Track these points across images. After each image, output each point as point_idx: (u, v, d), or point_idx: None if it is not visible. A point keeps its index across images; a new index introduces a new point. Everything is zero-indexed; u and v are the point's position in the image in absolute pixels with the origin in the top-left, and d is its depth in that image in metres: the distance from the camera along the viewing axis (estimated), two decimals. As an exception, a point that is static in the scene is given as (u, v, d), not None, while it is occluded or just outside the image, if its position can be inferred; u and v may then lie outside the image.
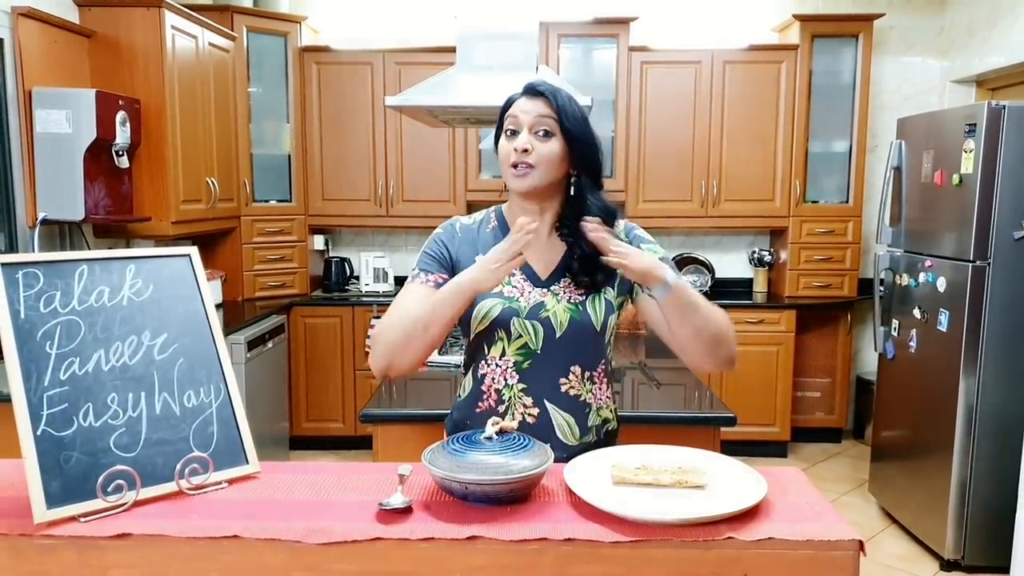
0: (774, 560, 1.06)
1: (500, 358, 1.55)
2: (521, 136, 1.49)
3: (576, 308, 1.53)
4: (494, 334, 1.54)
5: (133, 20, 3.57)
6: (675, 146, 4.66)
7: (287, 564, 1.07)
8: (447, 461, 1.17)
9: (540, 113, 1.49)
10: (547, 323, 1.52)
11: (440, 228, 1.64)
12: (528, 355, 1.53)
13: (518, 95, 1.54)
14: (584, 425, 1.56)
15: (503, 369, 1.55)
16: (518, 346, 1.53)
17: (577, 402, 1.55)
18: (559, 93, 1.51)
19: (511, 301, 1.52)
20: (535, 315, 1.52)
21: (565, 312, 1.52)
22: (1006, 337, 3.12)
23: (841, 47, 4.61)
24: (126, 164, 3.48)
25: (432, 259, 1.59)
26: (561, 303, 1.53)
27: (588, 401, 1.57)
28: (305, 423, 4.66)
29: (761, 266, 4.94)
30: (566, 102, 1.50)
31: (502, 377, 1.55)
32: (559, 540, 1.07)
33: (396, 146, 4.69)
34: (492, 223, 1.63)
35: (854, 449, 4.79)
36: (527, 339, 1.52)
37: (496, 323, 1.52)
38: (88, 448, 1.15)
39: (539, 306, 1.52)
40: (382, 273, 4.89)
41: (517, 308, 1.52)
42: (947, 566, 3.26)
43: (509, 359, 1.54)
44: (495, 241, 1.56)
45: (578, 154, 1.52)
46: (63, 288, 1.22)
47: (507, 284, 1.53)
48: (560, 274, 1.56)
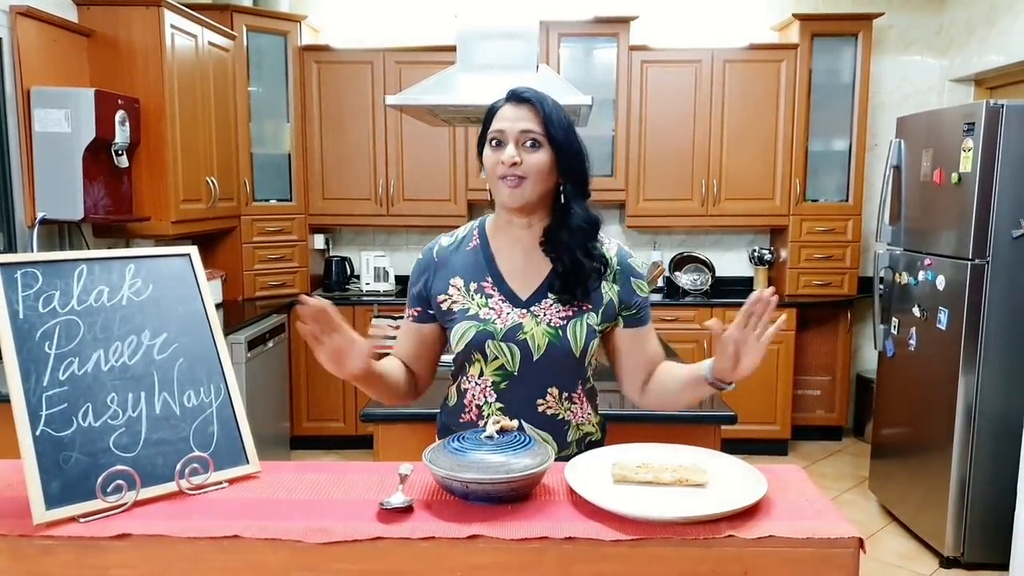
0: (775, 558, 1.06)
1: (479, 377, 1.54)
2: (508, 148, 1.44)
3: (555, 332, 1.49)
4: (470, 355, 1.52)
5: (132, 19, 3.57)
6: (675, 145, 4.66)
7: (288, 564, 1.07)
8: (448, 460, 1.17)
9: (527, 123, 1.44)
10: (524, 345, 1.49)
11: (421, 254, 1.63)
12: (505, 376, 1.51)
13: (502, 102, 1.49)
14: (563, 441, 1.54)
15: (482, 388, 1.54)
16: (495, 367, 1.51)
17: (555, 421, 1.53)
18: (545, 100, 1.47)
19: (486, 323, 1.50)
20: (511, 337, 1.49)
21: (544, 336, 1.49)
22: (1005, 335, 3.12)
23: (841, 46, 4.61)
24: (125, 164, 3.48)
25: (412, 295, 1.62)
26: (540, 325, 1.49)
27: (567, 419, 1.55)
28: (306, 423, 4.65)
29: (761, 265, 4.94)
30: (552, 110, 1.46)
31: (481, 395, 1.54)
32: (560, 539, 1.06)
33: (396, 145, 4.69)
34: (474, 240, 1.59)
35: (854, 447, 4.79)
36: (503, 361, 1.50)
37: (471, 345, 1.50)
38: (88, 448, 1.15)
39: (516, 328, 1.49)
40: (383, 272, 4.89)
41: (492, 331, 1.49)
42: (947, 563, 3.26)
43: (487, 379, 1.53)
44: (474, 261, 1.55)
45: (565, 164, 1.48)
46: (62, 288, 1.21)
47: (484, 306, 1.51)
48: (542, 294, 1.51)
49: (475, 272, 1.54)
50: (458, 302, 1.53)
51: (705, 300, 4.68)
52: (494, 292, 1.52)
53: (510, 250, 1.55)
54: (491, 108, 1.51)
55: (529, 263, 1.53)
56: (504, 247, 1.56)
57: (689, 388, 1.49)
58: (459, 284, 1.54)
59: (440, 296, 1.55)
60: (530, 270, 1.53)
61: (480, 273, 1.54)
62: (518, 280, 1.53)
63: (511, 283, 1.53)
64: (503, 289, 1.52)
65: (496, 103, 1.51)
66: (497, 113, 1.49)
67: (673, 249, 5.05)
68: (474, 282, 1.53)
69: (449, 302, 1.54)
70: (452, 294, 1.54)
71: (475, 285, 1.53)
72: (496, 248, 1.56)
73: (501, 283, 1.53)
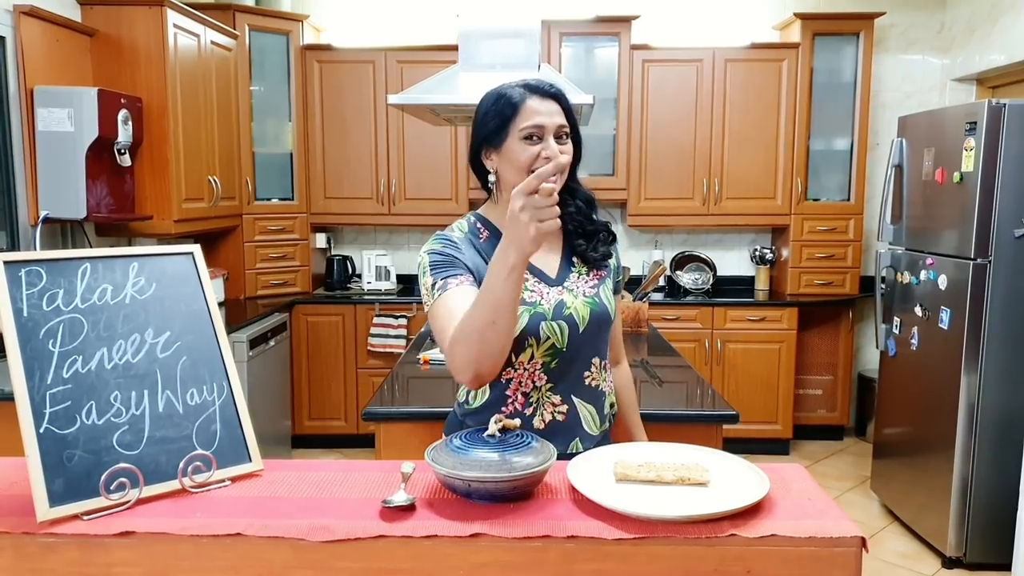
0: (777, 557, 1.06)
1: (528, 362, 1.52)
2: (551, 144, 1.46)
3: (593, 301, 1.56)
4: (524, 342, 1.49)
5: (135, 18, 3.57)
6: (676, 144, 4.66)
7: (290, 562, 1.07)
8: (450, 459, 1.17)
9: (560, 118, 1.49)
10: (571, 320, 1.52)
11: (437, 242, 1.53)
12: (555, 355, 1.52)
13: (525, 94, 1.47)
14: (602, 414, 1.60)
15: (531, 372, 1.52)
16: (546, 348, 1.51)
17: (596, 392, 1.59)
18: (564, 94, 1.52)
19: (535, 306, 1.50)
20: (559, 315, 1.51)
21: (585, 307, 1.54)
22: (1007, 334, 3.12)
23: (842, 45, 4.60)
24: (128, 163, 3.48)
25: (451, 262, 1.48)
26: (579, 298, 1.55)
27: (604, 389, 1.61)
28: (307, 422, 4.66)
29: (763, 264, 4.93)
30: (569, 103, 1.53)
31: (530, 380, 1.53)
32: (562, 537, 1.07)
33: (398, 144, 4.69)
34: (483, 233, 1.57)
35: (856, 446, 4.79)
36: (554, 340, 1.51)
37: (526, 331, 1.48)
38: (91, 446, 1.15)
39: (560, 305, 1.52)
40: (384, 271, 4.89)
41: (543, 312, 1.50)
42: (949, 563, 3.26)
43: (537, 362, 1.52)
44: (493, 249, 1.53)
45: (577, 149, 1.55)
46: (66, 286, 1.22)
47: (525, 290, 1.50)
48: (567, 269, 1.58)
49: None
50: None
51: (706, 299, 4.67)
52: (528, 276, 1.52)
53: None
54: (508, 99, 1.47)
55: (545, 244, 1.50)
56: None
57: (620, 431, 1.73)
58: None
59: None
60: (547, 250, 1.57)
61: None
62: (540, 262, 1.55)
63: (539, 264, 1.55)
64: (534, 271, 1.54)
65: (510, 94, 1.48)
66: (526, 106, 1.46)
67: (674, 248, 5.05)
68: None
69: None
70: None
71: None
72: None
73: (531, 266, 1.53)
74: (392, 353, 4.51)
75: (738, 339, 4.55)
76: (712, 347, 4.54)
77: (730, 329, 4.55)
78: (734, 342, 4.55)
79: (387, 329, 4.55)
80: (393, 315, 4.58)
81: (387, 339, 4.54)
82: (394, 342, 4.52)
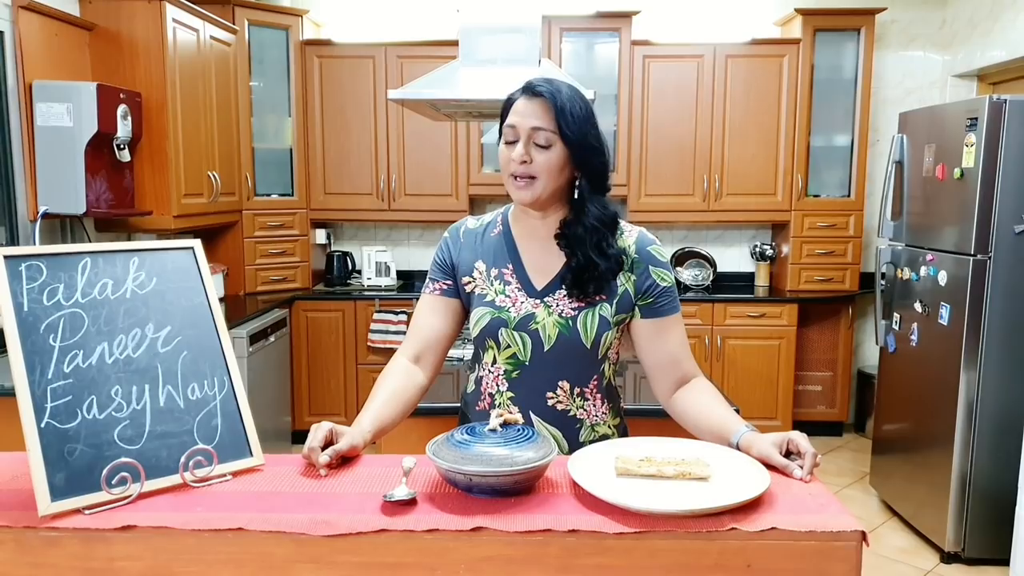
0: (777, 551, 1.06)
1: (492, 365, 1.55)
2: (518, 147, 1.41)
3: (566, 323, 1.47)
4: (484, 342, 1.53)
5: (134, 13, 3.57)
6: (677, 140, 4.65)
7: (292, 556, 1.07)
8: (451, 453, 1.17)
9: (538, 119, 1.40)
10: (535, 336, 1.48)
11: (447, 232, 1.62)
12: (517, 365, 1.51)
13: (518, 94, 1.45)
14: (576, 441, 1.52)
15: (495, 376, 1.54)
16: (507, 355, 1.52)
17: (566, 417, 1.52)
18: (559, 93, 1.40)
19: (501, 311, 1.50)
20: (524, 327, 1.49)
21: (554, 327, 1.48)
22: (1007, 330, 3.12)
23: (843, 41, 4.60)
24: (127, 158, 3.48)
25: (438, 266, 1.59)
26: (552, 316, 1.48)
27: (580, 417, 1.53)
28: (307, 417, 4.66)
29: (763, 260, 4.94)
30: (567, 103, 1.40)
31: (494, 383, 1.55)
32: (563, 531, 1.07)
33: (398, 140, 4.69)
34: (498, 227, 1.58)
35: (855, 442, 4.80)
36: (516, 350, 1.50)
37: (485, 332, 1.51)
38: (92, 440, 1.15)
39: (529, 318, 1.49)
40: (384, 267, 4.89)
41: (506, 319, 1.49)
42: (948, 558, 3.27)
43: (500, 367, 1.53)
44: (498, 247, 1.55)
45: (580, 159, 1.43)
46: (66, 281, 1.21)
47: (501, 293, 1.51)
48: (556, 285, 1.49)
49: (498, 258, 1.54)
50: (479, 286, 1.54)
51: (707, 295, 4.68)
52: (512, 279, 1.52)
53: (528, 239, 1.54)
54: (507, 100, 1.47)
55: (545, 254, 1.52)
56: (523, 236, 1.55)
57: (711, 438, 1.40)
58: (482, 268, 1.55)
59: (465, 278, 1.56)
60: (546, 260, 1.52)
61: (502, 259, 1.54)
62: (535, 269, 1.52)
63: (529, 272, 1.52)
64: (521, 276, 1.52)
65: (513, 95, 1.47)
66: (513, 106, 1.45)
67: (675, 244, 5.05)
68: (496, 267, 1.54)
69: (472, 285, 1.55)
70: (475, 277, 1.55)
71: (496, 271, 1.53)
72: (517, 235, 1.56)
73: (521, 271, 1.52)
74: (392, 349, 4.51)
75: (738, 335, 4.55)
76: (712, 343, 4.54)
77: (730, 325, 4.55)
78: (734, 338, 4.55)
79: (387, 325, 4.55)
80: (393, 311, 4.58)
81: (387, 335, 4.54)
82: (394, 338, 4.52)
